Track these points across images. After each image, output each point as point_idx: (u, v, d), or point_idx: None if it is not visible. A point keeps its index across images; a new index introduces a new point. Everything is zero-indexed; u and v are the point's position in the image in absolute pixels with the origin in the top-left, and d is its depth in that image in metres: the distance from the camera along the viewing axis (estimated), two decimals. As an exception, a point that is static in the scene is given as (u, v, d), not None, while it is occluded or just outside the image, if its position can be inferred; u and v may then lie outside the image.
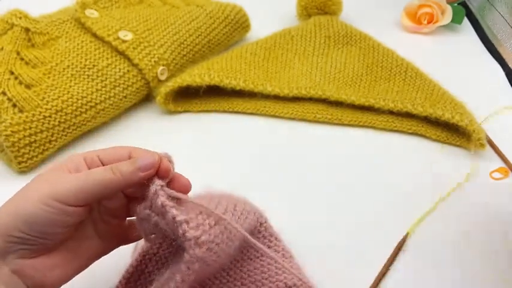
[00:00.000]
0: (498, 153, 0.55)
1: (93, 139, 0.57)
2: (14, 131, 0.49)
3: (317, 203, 0.49)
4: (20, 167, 0.51)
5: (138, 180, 0.32)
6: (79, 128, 0.55)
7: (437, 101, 0.57)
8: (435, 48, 0.75)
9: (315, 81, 0.62)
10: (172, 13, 0.66)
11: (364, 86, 0.62)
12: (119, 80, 0.57)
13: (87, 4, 0.62)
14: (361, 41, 0.67)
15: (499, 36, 0.75)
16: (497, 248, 0.45)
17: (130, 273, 0.38)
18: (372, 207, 0.49)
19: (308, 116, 0.60)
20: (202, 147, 0.57)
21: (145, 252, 0.39)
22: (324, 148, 0.56)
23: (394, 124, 0.58)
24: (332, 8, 0.71)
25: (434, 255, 0.44)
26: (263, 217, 0.40)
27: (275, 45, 0.67)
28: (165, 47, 0.61)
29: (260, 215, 0.39)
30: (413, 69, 0.63)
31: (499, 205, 0.49)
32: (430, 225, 0.47)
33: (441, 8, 0.76)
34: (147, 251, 0.39)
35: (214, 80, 0.59)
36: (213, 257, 0.30)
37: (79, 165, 0.32)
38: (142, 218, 0.33)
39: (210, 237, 0.30)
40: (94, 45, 0.59)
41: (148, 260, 0.38)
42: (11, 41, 0.57)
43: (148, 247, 0.39)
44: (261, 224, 0.39)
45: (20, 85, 0.53)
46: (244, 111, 0.61)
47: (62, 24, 0.61)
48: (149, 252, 0.38)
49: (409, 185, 0.51)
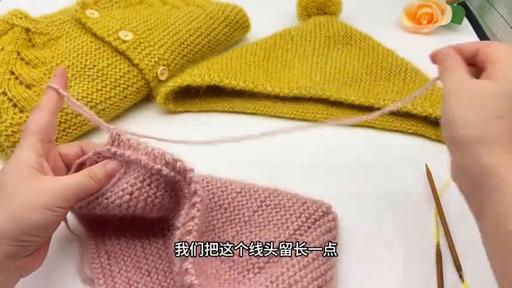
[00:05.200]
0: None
1: (93, 139, 0.57)
2: (15, 131, 0.50)
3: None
4: (20, 167, 0.51)
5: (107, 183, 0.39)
6: (79, 128, 0.55)
7: (437, 101, 0.57)
8: (435, 48, 0.74)
9: (315, 81, 0.62)
10: (172, 13, 0.66)
11: (364, 86, 0.62)
12: (119, 80, 0.57)
13: (88, 4, 0.62)
14: (361, 41, 0.67)
15: (498, 36, 0.75)
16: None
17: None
18: (372, 207, 0.49)
19: (308, 116, 0.60)
20: (202, 147, 0.57)
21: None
22: (323, 148, 0.56)
23: (394, 124, 0.58)
24: (332, 8, 0.71)
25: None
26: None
27: (275, 46, 0.67)
28: (165, 47, 0.61)
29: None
30: (413, 69, 0.63)
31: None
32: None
33: (441, 8, 0.76)
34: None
35: (214, 80, 0.59)
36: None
37: (44, 167, 0.37)
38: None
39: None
40: (94, 45, 0.59)
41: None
42: (12, 41, 0.57)
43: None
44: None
45: (20, 85, 0.53)
46: (244, 111, 0.61)
47: (63, 24, 0.61)
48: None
49: (409, 185, 0.52)
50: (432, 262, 0.44)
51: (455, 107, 0.34)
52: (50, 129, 0.39)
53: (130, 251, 0.42)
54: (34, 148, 0.37)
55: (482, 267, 0.43)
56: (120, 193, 0.38)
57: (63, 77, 0.42)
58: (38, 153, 0.37)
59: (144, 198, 0.38)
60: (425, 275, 0.43)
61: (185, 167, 0.37)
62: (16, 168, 0.36)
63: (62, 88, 0.41)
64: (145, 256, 0.42)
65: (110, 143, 0.40)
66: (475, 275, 0.43)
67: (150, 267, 0.41)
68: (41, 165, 0.37)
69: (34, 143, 0.38)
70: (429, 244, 0.45)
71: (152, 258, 0.42)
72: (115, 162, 0.39)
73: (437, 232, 0.46)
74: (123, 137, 0.40)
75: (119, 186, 0.38)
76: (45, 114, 0.39)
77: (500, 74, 0.34)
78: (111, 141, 0.40)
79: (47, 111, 0.39)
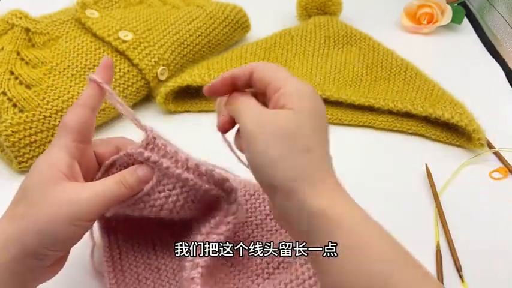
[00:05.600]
0: (496, 153, 0.55)
1: (93, 139, 0.57)
2: (15, 131, 0.50)
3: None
4: (20, 166, 0.51)
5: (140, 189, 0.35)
6: (79, 128, 0.55)
7: (437, 101, 0.57)
8: (435, 48, 0.75)
9: (315, 81, 0.62)
10: (172, 13, 0.66)
11: (364, 86, 0.62)
12: (119, 80, 0.57)
13: (88, 4, 0.62)
14: (361, 41, 0.67)
15: (498, 36, 0.75)
16: (497, 248, 0.45)
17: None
18: (372, 207, 0.49)
19: (308, 116, 0.60)
20: (202, 147, 0.57)
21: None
22: (323, 148, 0.56)
23: (394, 124, 0.58)
24: (332, 8, 0.71)
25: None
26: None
27: (275, 46, 0.67)
28: (165, 47, 0.61)
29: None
30: (413, 69, 0.63)
31: (498, 205, 0.49)
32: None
33: (441, 8, 0.76)
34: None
35: (214, 80, 0.59)
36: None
37: (74, 170, 0.34)
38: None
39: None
40: (94, 45, 0.59)
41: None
42: (12, 41, 0.57)
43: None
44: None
45: (20, 85, 0.53)
46: (244, 111, 0.61)
47: (62, 24, 0.61)
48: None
49: (409, 185, 0.51)
50: (432, 262, 0.44)
51: (262, 146, 0.29)
52: (88, 128, 0.35)
53: (141, 247, 0.42)
54: (67, 149, 0.33)
55: (482, 268, 0.43)
56: (151, 202, 0.36)
57: (108, 69, 0.36)
58: (71, 155, 0.34)
59: (176, 208, 0.36)
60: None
61: (232, 187, 0.36)
62: (43, 170, 0.33)
63: (105, 81, 0.35)
64: (155, 253, 0.42)
65: (144, 145, 0.35)
66: (475, 275, 0.43)
67: (160, 264, 0.41)
68: (72, 168, 0.33)
69: (68, 143, 0.34)
70: (429, 244, 0.45)
71: (162, 256, 0.41)
72: (147, 168, 0.35)
73: (437, 232, 0.46)
74: (159, 141, 0.35)
75: (151, 196, 0.36)
76: (84, 111, 0.34)
77: (293, 102, 0.30)
78: (145, 144, 0.35)
79: (87, 108, 0.35)
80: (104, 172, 0.37)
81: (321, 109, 0.32)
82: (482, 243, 0.45)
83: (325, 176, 0.30)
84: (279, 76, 0.32)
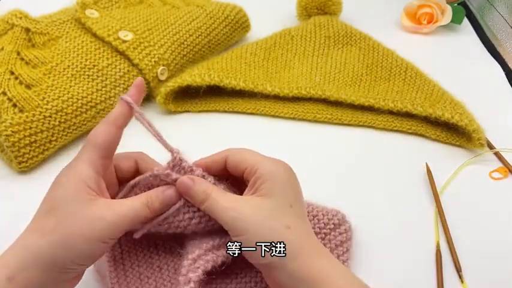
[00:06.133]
0: (496, 154, 0.55)
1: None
2: (15, 131, 0.50)
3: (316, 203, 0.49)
4: (20, 167, 0.51)
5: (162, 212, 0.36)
6: (79, 128, 0.55)
7: (437, 101, 0.57)
8: (435, 48, 0.75)
9: (315, 81, 0.62)
10: (172, 13, 0.66)
11: (364, 86, 0.62)
12: (119, 80, 0.57)
13: (88, 4, 0.62)
14: (361, 41, 0.67)
15: (498, 36, 0.75)
16: (497, 249, 0.45)
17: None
18: (372, 207, 0.49)
19: (308, 116, 0.60)
20: (202, 147, 0.57)
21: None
22: (324, 148, 0.56)
23: (394, 124, 0.58)
24: (332, 8, 0.71)
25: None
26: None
27: (275, 46, 0.67)
28: (165, 47, 0.61)
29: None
30: (413, 69, 0.63)
31: (498, 205, 0.50)
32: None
33: (441, 8, 0.76)
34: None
35: (214, 80, 0.59)
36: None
37: (101, 187, 0.35)
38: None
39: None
40: (94, 45, 0.59)
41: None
42: (12, 41, 0.57)
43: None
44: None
45: (20, 85, 0.53)
46: (244, 111, 0.61)
47: (62, 24, 0.61)
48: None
49: (409, 185, 0.52)
50: (432, 262, 0.44)
51: (241, 227, 0.33)
52: (114, 145, 0.36)
53: (143, 246, 0.42)
54: (94, 165, 0.34)
55: (482, 268, 0.43)
56: (176, 224, 0.36)
57: (139, 89, 0.38)
58: (97, 171, 0.34)
59: (194, 228, 0.37)
60: (425, 275, 0.43)
61: None
62: (73, 185, 0.33)
63: (135, 101, 0.37)
64: (157, 252, 0.42)
65: (171, 167, 0.36)
66: (475, 275, 0.43)
67: (162, 264, 0.41)
68: (99, 185, 0.34)
69: (96, 159, 0.34)
70: (429, 244, 0.45)
71: (164, 255, 0.41)
72: (173, 190, 0.36)
73: (437, 232, 0.46)
74: (184, 163, 0.36)
75: (175, 217, 0.36)
76: (113, 129, 0.35)
77: (273, 192, 0.34)
78: (172, 166, 0.36)
79: (116, 126, 0.36)
80: (127, 192, 0.37)
81: (294, 186, 0.36)
82: (482, 244, 0.45)
83: (309, 245, 0.34)
84: (255, 159, 0.36)
